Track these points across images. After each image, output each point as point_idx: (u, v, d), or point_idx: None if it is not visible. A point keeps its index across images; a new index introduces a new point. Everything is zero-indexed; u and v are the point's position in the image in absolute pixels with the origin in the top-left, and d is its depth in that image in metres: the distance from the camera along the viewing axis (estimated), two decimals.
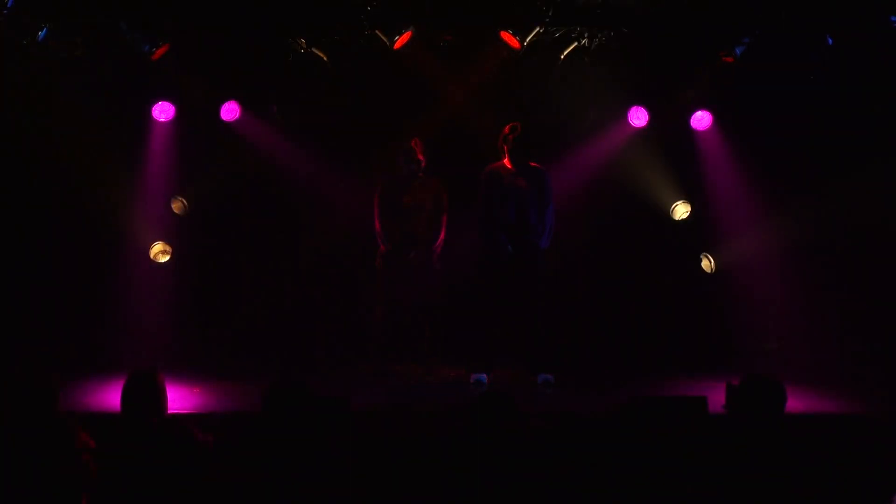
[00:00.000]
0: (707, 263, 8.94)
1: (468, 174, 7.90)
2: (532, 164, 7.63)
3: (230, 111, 8.73)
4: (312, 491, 4.30)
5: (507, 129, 7.58)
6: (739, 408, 4.58)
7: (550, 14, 7.63)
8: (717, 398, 5.90)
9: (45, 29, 7.53)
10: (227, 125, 8.81)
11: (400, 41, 7.81)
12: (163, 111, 8.72)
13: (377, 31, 7.81)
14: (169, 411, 4.75)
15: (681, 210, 8.97)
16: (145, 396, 4.61)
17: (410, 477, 4.53)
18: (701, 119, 8.87)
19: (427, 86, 8.75)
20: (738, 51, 7.93)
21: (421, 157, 7.84)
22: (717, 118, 8.84)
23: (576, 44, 8.06)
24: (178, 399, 6.47)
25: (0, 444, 4.26)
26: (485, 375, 7.54)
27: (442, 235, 7.91)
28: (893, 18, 7.36)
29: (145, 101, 8.71)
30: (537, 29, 7.82)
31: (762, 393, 4.51)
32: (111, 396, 5.98)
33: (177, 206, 8.84)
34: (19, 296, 8.39)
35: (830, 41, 7.67)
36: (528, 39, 7.84)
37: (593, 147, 8.93)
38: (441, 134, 8.57)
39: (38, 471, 4.22)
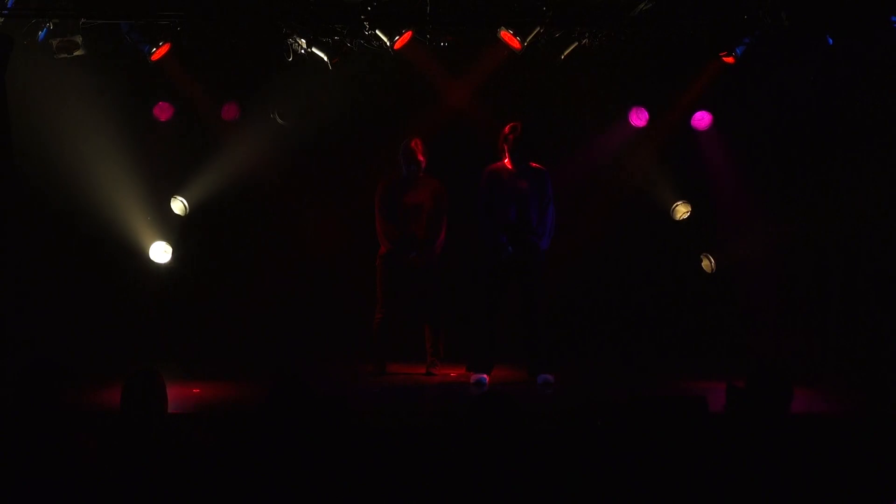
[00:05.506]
0: (707, 263, 8.95)
1: (468, 174, 7.89)
2: (533, 164, 7.62)
3: (230, 111, 8.75)
4: (312, 491, 4.30)
5: (507, 129, 7.56)
6: (744, 404, 4.58)
7: (550, 14, 7.62)
8: (717, 398, 5.89)
9: (45, 29, 7.53)
10: (227, 125, 8.82)
11: (400, 41, 7.81)
12: (163, 111, 8.75)
13: (377, 31, 7.81)
14: (169, 411, 4.75)
15: (681, 210, 8.98)
16: (145, 396, 4.61)
17: (410, 477, 4.53)
18: (701, 119, 8.88)
19: (427, 86, 8.76)
20: (738, 51, 7.93)
21: (421, 157, 7.83)
22: (717, 118, 8.85)
23: (576, 44, 8.05)
24: (178, 399, 6.47)
25: (0, 444, 4.26)
26: (485, 375, 7.53)
27: (442, 236, 7.90)
28: (893, 18, 7.36)
29: (145, 101, 8.73)
30: (537, 29, 7.82)
31: (769, 389, 4.51)
32: (111, 396, 5.97)
33: (177, 206, 8.85)
34: (19, 295, 8.38)
35: (830, 41, 7.67)
36: (528, 39, 7.83)
37: (593, 147, 8.95)
38: (441, 134, 8.57)
39: (38, 471, 4.22)
